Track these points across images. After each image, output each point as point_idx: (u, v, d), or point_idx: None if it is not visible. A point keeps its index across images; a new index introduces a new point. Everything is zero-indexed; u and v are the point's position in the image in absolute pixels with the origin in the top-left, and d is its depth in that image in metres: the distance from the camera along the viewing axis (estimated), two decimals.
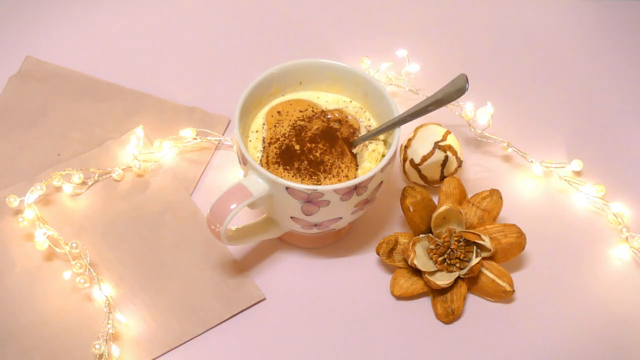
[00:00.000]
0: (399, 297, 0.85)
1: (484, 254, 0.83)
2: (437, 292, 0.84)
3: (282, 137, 0.84)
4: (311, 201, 0.77)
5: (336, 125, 0.86)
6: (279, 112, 0.86)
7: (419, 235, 0.85)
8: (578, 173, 0.94)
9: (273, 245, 0.88)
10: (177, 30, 1.08)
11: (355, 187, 0.78)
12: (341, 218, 0.81)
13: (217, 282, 0.85)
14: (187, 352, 0.81)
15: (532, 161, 0.94)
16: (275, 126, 0.85)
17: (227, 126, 0.98)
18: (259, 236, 0.85)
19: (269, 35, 1.08)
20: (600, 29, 1.11)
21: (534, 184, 0.94)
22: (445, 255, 0.83)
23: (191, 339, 0.82)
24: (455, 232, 0.84)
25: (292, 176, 0.81)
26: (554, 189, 0.94)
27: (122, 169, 0.92)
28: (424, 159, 0.88)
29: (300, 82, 0.88)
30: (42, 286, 0.84)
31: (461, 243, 0.83)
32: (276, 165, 0.82)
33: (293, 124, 0.85)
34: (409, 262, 0.83)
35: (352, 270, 0.87)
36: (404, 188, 0.85)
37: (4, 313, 0.82)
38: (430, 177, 0.90)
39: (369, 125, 0.86)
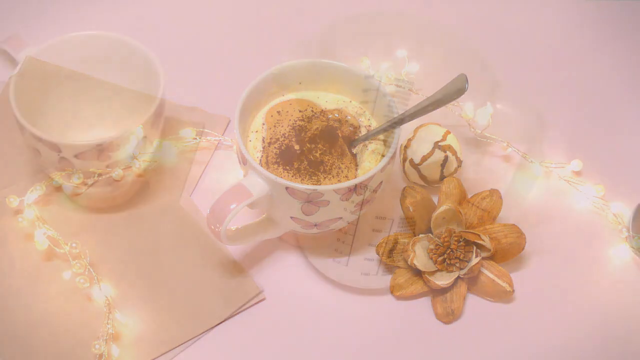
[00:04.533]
0: (398, 297, 0.85)
1: (484, 254, 0.83)
2: (437, 292, 0.84)
3: (281, 137, 0.84)
4: (311, 201, 0.77)
5: (336, 125, 0.86)
6: (278, 112, 0.86)
7: (418, 235, 0.85)
8: (578, 173, 0.94)
9: (273, 245, 0.88)
10: (176, 30, 1.08)
11: (355, 187, 0.78)
12: (341, 218, 0.81)
13: (217, 282, 0.85)
14: (187, 352, 0.81)
15: (532, 161, 0.94)
16: (275, 126, 0.85)
17: (227, 126, 0.98)
18: (259, 236, 0.85)
19: (269, 35, 1.08)
20: (600, 29, 1.11)
21: (533, 184, 0.94)
22: (445, 255, 0.83)
23: (191, 339, 0.82)
24: (455, 232, 0.83)
25: (292, 176, 0.81)
26: (554, 189, 0.94)
27: (122, 169, 0.92)
28: (424, 159, 0.88)
29: (300, 82, 0.88)
30: (42, 286, 0.84)
31: (461, 243, 0.83)
32: (276, 166, 0.82)
33: (293, 124, 0.85)
34: (409, 262, 0.83)
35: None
36: (404, 188, 0.85)
37: (4, 313, 0.82)
38: (430, 177, 0.90)
39: (369, 125, 0.86)
